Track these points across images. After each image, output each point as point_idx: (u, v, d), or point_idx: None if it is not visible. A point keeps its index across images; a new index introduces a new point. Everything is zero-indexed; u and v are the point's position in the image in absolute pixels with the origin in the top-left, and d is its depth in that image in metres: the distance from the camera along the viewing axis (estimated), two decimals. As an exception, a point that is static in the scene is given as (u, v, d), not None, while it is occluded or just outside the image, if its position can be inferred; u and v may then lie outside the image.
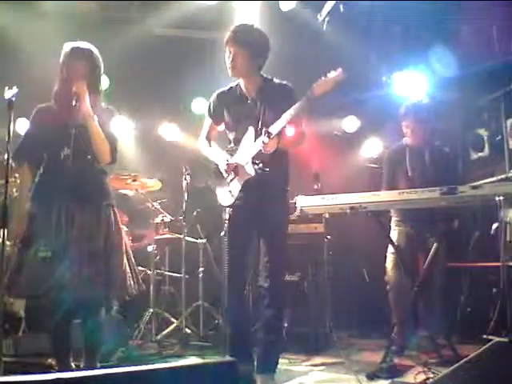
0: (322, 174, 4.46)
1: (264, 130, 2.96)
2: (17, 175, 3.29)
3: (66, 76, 2.94)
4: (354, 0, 4.99)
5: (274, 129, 2.95)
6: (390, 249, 3.87)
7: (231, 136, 3.24)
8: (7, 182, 2.47)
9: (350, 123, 5.69)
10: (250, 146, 3.07)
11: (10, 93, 2.59)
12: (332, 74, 2.96)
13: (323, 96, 2.96)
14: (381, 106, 5.17)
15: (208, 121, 3.39)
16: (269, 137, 2.93)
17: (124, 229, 3.33)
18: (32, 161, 2.97)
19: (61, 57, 2.99)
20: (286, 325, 4.15)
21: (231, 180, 3.15)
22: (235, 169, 3.12)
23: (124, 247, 3.00)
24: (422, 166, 3.95)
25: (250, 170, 3.05)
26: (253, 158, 3.05)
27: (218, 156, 3.26)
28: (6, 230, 2.40)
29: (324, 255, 4.39)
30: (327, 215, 4.28)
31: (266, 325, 3.09)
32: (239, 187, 3.10)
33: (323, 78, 2.97)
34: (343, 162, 5.43)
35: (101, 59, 3.06)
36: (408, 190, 3.03)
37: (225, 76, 3.44)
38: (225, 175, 3.17)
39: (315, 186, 4.26)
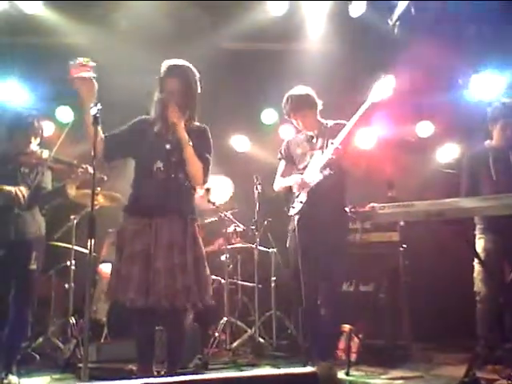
0: (396, 180, 4.34)
1: (330, 141, 3.42)
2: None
3: (162, 93, 3.02)
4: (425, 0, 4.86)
5: (337, 139, 3.39)
6: (477, 259, 3.69)
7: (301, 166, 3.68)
8: (93, 193, 2.58)
9: (424, 128, 5.52)
10: (318, 160, 3.50)
11: (94, 109, 2.70)
12: (383, 81, 3.31)
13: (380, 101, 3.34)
14: (456, 110, 4.99)
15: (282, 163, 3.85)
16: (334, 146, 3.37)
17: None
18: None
19: (161, 72, 3.07)
20: (360, 336, 4.05)
21: (300, 193, 3.52)
22: (304, 182, 3.51)
23: (205, 259, 3.07)
24: (507, 169, 3.74)
25: (317, 177, 3.45)
26: (321, 168, 3.46)
27: (290, 179, 3.65)
28: (93, 241, 2.49)
29: (400, 265, 4.26)
30: (402, 223, 4.16)
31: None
32: (306, 195, 3.47)
33: (376, 84, 3.33)
34: (418, 168, 5.27)
35: (197, 76, 3.10)
36: (492, 196, 2.89)
37: (294, 86, 3.53)
38: (295, 191, 3.55)
39: (389, 194, 4.15)
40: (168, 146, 2.96)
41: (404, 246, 4.31)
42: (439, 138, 5.44)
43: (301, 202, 3.48)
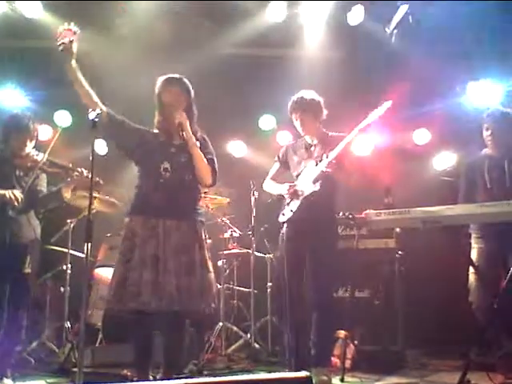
0: (393, 187, 4.35)
1: (325, 155, 3.43)
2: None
3: (165, 104, 3.12)
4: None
5: (332, 154, 3.40)
6: (472, 268, 3.69)
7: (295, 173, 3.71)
8: (91, 197, 2.58)
9: (421, 136, 5.54)
10: (312, 171, 3.51)
11: (93, 114, 2.71)
12: (383, 107, 3.37)
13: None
14: (452, 118, 5.01)
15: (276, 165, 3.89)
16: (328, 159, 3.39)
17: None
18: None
19: (156, 88, 3.19)
20: (356, 342, 4.05)
21: (291, 201, 3.53)
22: (295, 191, 3.50)
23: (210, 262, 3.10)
24: (501, 177, 3.72)
25: (309, 188, 3.45)
26: (313, 180, 3.46)
27: (280, 186, 3.66)
28: (90, 245, 2.50)
29: (396, 271, 4.27)
30: (398, 230, 4.17)
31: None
32: (298, 204, 3.48)
33: (375, 110, 3.39)
34: (415, 175, 5.28)
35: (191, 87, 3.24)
36: (487, 203, 2.90)
37: (291, 93, 3.56)
38: (286, 198, 3.56)
39: (386, 200, 4.16)
40: (173, 150, 3.05)
41: (400, 252, 4.32)
42: (436, 145, 5.45)
43: (291, 211, 3.51)
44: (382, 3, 5.09)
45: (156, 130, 3.19)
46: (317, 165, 3.49)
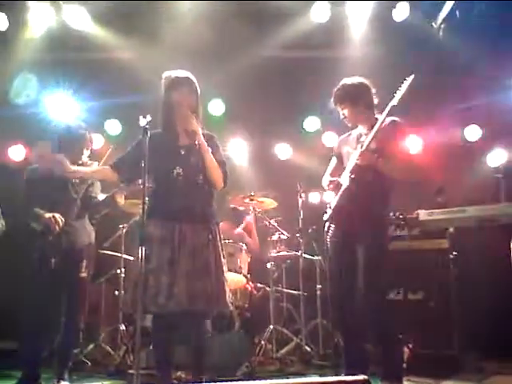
0: (444, 186, 4.25)
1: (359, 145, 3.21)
2: None
3: (173, 103, 3.06)
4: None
5: (365, 142, 3.18)
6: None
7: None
8: (144, 203, 2.63)
9: (472, 132, 5.38)
10: (351, 162, 3.29)
11: (144, 121, 2.76)
12: (406, 82, 3.20)
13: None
14: (503, 113, 4.84)
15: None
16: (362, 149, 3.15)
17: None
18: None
19: (163, 85, 3.09)
20: (410, 346, 3.96)
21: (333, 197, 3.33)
22: (337, 186, 3.29)
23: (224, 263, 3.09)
24: None
25: (345, 181, 3.22)
26: (350, 172, 3.23)
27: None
28: (144, 249, 2.54)
29: (450, 273, 4.15)
30: (452, 230, 4.05)
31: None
32: (337, 200, 3.27)
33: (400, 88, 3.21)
34: (467, 173, 5.13)
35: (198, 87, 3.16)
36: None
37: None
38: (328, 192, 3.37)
39: (438, 199, 4.06)
40: (182, 152, 3.03)
41: (454, 253, 4.19)
42: (488, 141, 5.29)
43: (330, 208, 3.32)
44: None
45: (159, 130, 3.09)
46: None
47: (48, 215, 3.50)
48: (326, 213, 3.38)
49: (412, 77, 3.18)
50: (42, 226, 3.56)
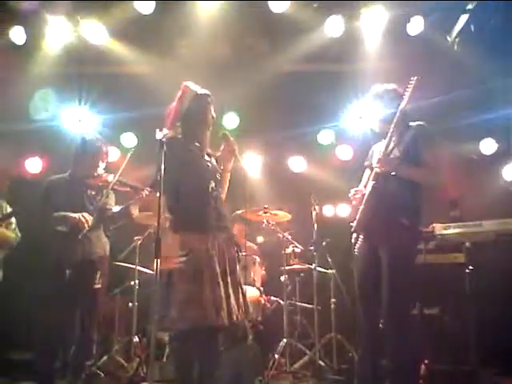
0: (458, 199, 4.21)
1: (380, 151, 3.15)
2: None
3: (208, 120, 3.13)
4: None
5: (383, 148, 3.13)
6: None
7: None
8: (159, 214, 2.65)
9: (488, 145, 5.34)
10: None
11: (160, 134, 2.79)
12: (411, 84, 3.14)
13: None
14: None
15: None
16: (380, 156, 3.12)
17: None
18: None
19: (198, 101, 3.08)
20: (426, 361, 3.91)
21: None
22: (362, 196, 3.24)
23: None
24: None
25: (369, 187, 3.15)
26: (372, 180, 3.17)
27: None
28: (159, 261, 2.56)
29: (466, 287, 4.09)
30: (468, 244, 4.00)
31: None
32: (361, 209, 3.20)
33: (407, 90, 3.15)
34: (482, 186, 5.08)
35: None
36: None
37: (349, 107, 3.48)
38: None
39: (452, 213, 4.02)
40: (210, 166, 3.11)
41: (471, 267, 4.13)
42: (504, 155, 5.24)
43: (355, 218, 3.24)
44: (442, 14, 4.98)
45: (196, 144, 3.11)
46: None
47: (76, 215, 3.55)
48: (351, 222, 3.29)
49: (415, 78, 3.18)
50: (68, 227, 3.60)
